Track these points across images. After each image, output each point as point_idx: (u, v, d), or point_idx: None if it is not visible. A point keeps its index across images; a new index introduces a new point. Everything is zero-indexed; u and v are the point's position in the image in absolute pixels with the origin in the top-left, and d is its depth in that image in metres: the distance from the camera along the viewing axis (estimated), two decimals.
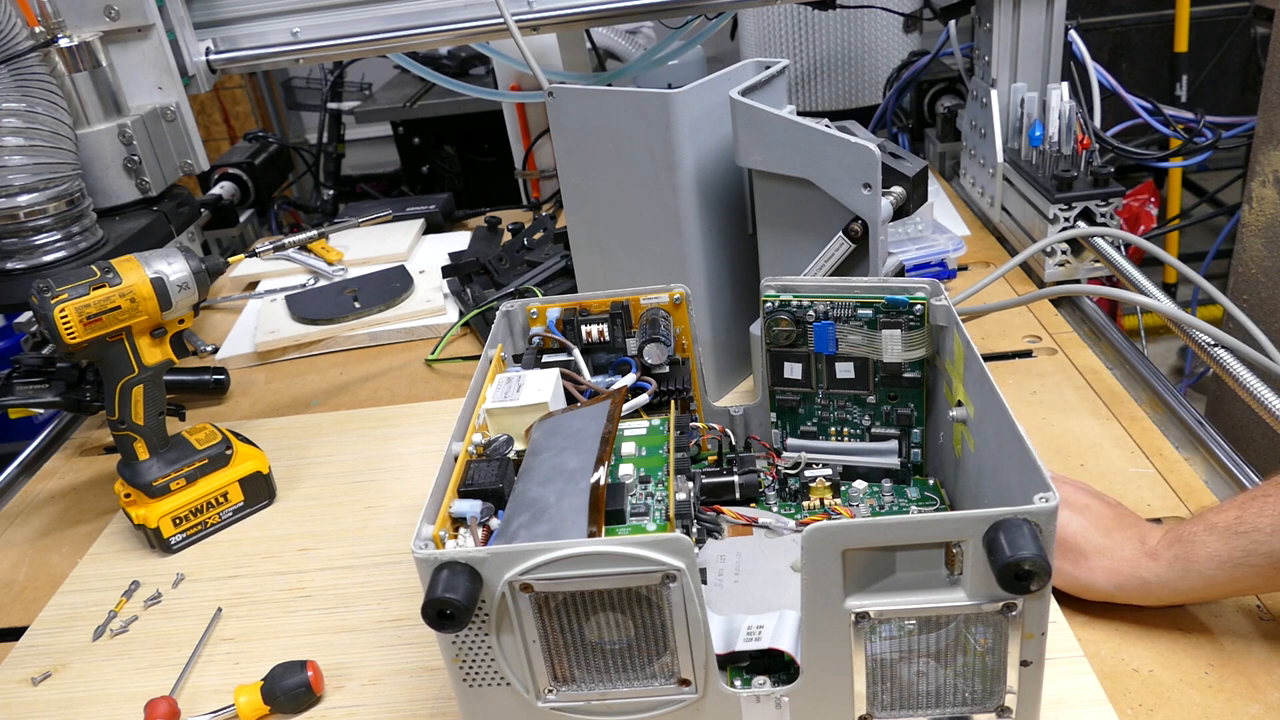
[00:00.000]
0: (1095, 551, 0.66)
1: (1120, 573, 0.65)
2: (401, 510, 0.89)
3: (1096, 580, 0.66)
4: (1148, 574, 0.64)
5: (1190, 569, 0.62)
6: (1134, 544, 0.65)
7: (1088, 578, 0.66)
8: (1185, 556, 0.62)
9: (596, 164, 0.93)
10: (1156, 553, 0.64)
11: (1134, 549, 0.65)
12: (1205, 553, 0.61)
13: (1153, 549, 0.64)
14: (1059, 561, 0.66)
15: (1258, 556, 0.59)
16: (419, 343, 1.21)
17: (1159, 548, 0.64)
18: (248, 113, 3.22)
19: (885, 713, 0.55)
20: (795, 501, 0.77)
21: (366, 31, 1.24)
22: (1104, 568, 0.65)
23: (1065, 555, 0.67)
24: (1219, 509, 0.63)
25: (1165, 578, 0.63)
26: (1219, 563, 0.61)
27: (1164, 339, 2.23)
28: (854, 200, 0.80)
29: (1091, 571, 0.66)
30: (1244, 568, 0.60)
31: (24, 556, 0.91)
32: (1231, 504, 0.62)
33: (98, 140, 1.09)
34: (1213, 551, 0.61)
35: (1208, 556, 0.61)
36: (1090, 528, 0.67)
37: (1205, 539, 0.62)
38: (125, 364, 0.82)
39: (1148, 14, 2.06)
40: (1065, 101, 1.16)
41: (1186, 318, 0.90)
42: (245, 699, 0.67)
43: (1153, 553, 0.64)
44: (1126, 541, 0.66)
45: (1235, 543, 0.60)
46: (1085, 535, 0.66)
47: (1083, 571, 0.66)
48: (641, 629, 0.54)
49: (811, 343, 0.75)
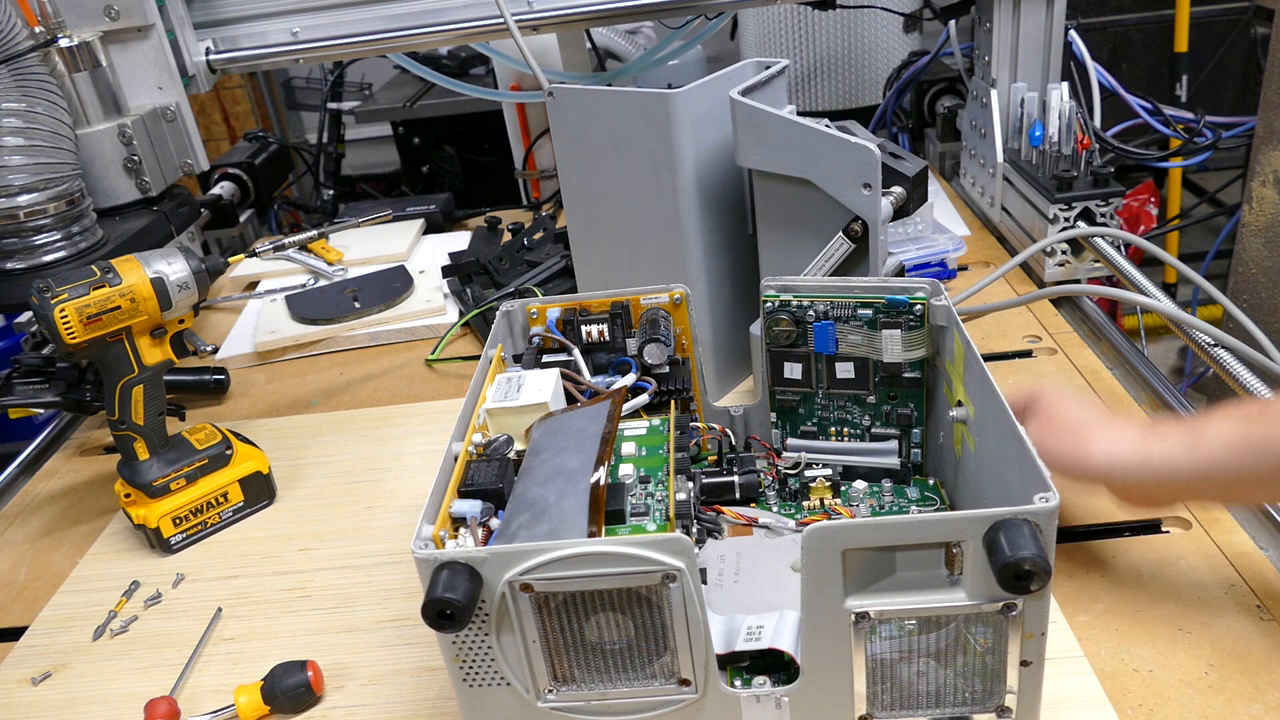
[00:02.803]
0: (1095, 429, 0.63)
1: (1119, 450, 0.62)
2: (401, 510, 0.89)
3: (1094, 456, 0.63)
4: (1152, 451, 0.60)
5: (1200, 448, 0.58)
6: (1136, 426, 0.63)
7: (1084, 455, 0.63)
8: (1196, 434, 0.59)
9: (596, 164, 0.93)
10: (1163, 432, 0.60)
11: (1136, 429, 0.62)
12: (1219, 432, 0.57)
13: (1159, 431, 0.61)
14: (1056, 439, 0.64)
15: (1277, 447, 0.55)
16: (419, 343, 1.21)
17: (1166, 427, 0.61)
18: (248, 113, 3.22)
19: (885, 713, 0.55)
20: (795, 501, 0.77)
21: (366, 31, 1.24)
22: (1103, 443, 0.62)
23: (1063, 433, 0.64)
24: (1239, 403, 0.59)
25: (1170, 455, 0.59)
26: (1230, 444, 0.57)
27: (1164, 339, 2.23)
28: (854, 200, 0.80)
29: (1090, 451, 0.63)
30: (1259, 456, 0.56)
31: (24, 556, 0.91)
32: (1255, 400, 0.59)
33: (98, 140, 1.09)
34: (1228, 432, 0.57)
35: (1221, 436, 0.57)
36: (1093, 411, 0.64)
37: (1221, 422, 0.58)
38: (125, 364, 0.82)
39: (1148, 14, 2.06)
40: (1065, 101, 1.16)
41: (1186, 318, 0.90)
42: (245, 699, 0.67)
43: (1159, 432, 0.61)
44: (1129, 424, 0.63)
45: (1254, 429, 0.56)
46: (1086, 415, 0.64)
47: (1080, 448, 0.63)
48: (641, 629, 0.54)
49: (811, 343, 0.75)
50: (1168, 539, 0.74)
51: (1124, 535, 0.75)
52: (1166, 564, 0.71)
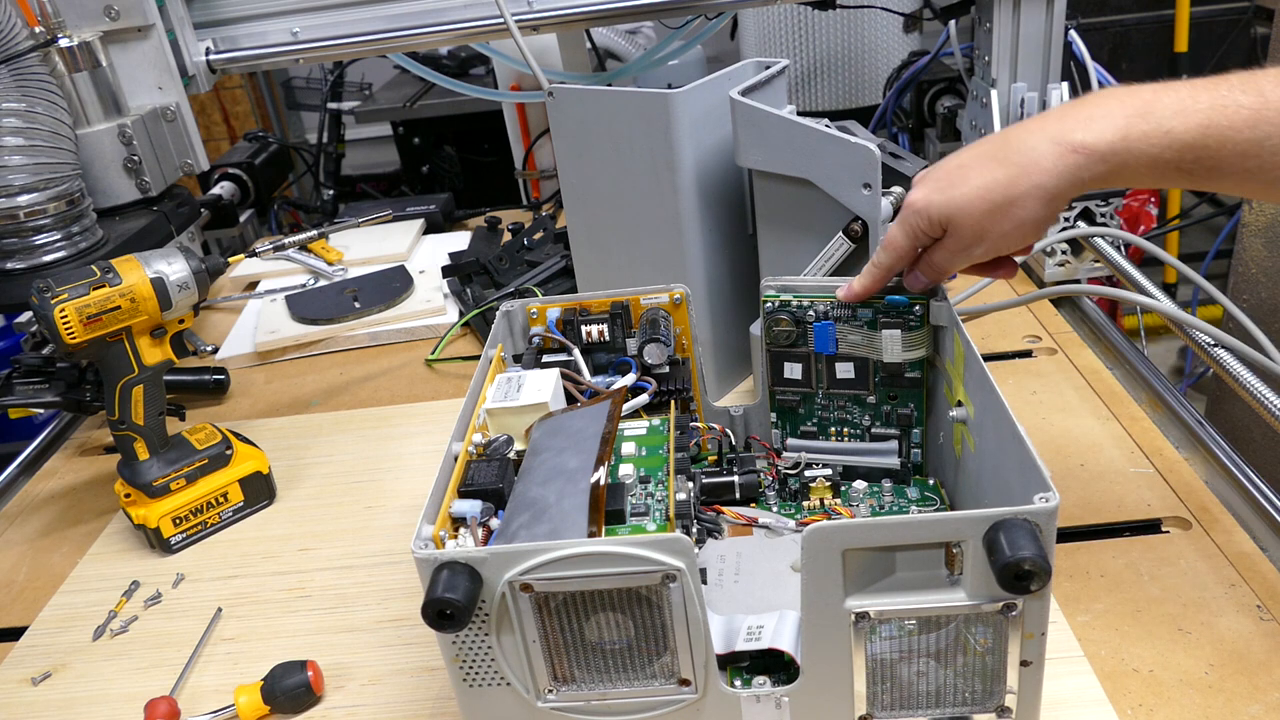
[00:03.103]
0: (1011, 189, 0.58)
1: (1049, 189, 0.57)
2: (401, 510, 0.89)
3: (1035, 212, 0.58)
4: (1080, 173, 0.56)
5: (1126, 170, 0.55)
6: (1047, 146, 0.57)
7: (1026, 217, 0.59)
8: (1124, 156, 0.55)
9: (596, 164, 0.93)
10: (1087, 147, 0.56)
11: (1050, 152, 0.57)
12: (1150, 159, 0.54)
13: (1079, 143, 0.56)
14: (991, 228, 0.60)
15: (1207, 170, 0.53)
16: (419, 343, 1.21)
17: (1087, 140, 0.56)
18: (248, 113, 3.22)
19: (885, 713, 0.55)
20: (795, 501, 0.77)
21: (366, 31, 1.24)
22: (1032, 196, 0.58)
23: (993, 217, 0.59)
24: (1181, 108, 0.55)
25: (1098, 173, 0.56)
26: (1161, 170, 0.55)
27: (1164, 339, 2.23)
28: (854, 200, 0.80)
29: (1025, 209, 0.58)
30: (1184, 177, 0.54)
31: (24, 556, 0.91)
32: (1197, 102, 0.54)
33: (98, 140, 1.09)
34: (1160, 160, 0.54)
35: (1152, 163, 0.54)
36: (986, 169, 0.59)
37: (1155, 145, 0.54)
38: (125, 364, 0.82)
39: (1148, 14, 2.06)
40: (1065, 101, 1.15)
41: (1186, 318, 0.90)
42: (245, 699, 0.67)
43: (1081, 147, 0.56)
44: (1035, 148, 0.57)
45: (1189, 154, 0.54)
46: (988, 184, 0.59)
47: (1016, 218, 0.59)
48: (641, 629, 0.54)
49: (811, 343, 0.75)
50: (1168, 539, 0.74)
51: (1124, 535, 0.75)
52: (1166, 564, 0.71)
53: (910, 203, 0.64)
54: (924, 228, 0.64)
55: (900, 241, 0.66)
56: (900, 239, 0.65)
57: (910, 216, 0.64)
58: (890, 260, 0.67)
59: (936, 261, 0.66)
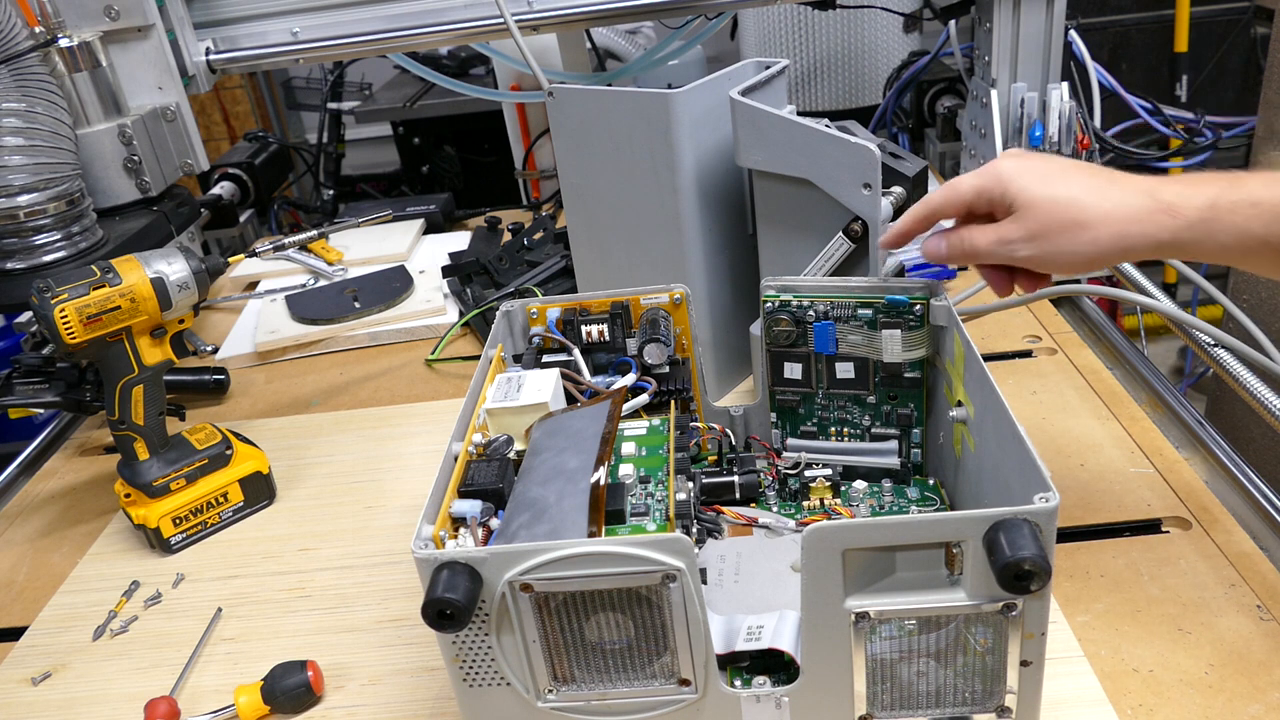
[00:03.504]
0: (1098, 216, 0.58)
1: (1129, 235, 0.57)
2: (401, 510, 0.89)
3: (1103, 248, 0.58)
4: (1161, 233, 0.56)
5: (1211, 238, 0.55)
6: (1141, 198, 0.57)
7: (1092, 249, 0.58)
8: (1211, 224, 0.55)
9: (596, 164, 0.93)
10: (1175, 209, 0.56)
11: (1143, 204, 0.57)
12: (1237, 228, 0.54)
13: (1169, 204, 0.56)
14: (1053, 238, 0.59)
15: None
16: (419, 343, 1.21)
17: (1178, 202, 0.56)
18: (248, 113, 3.22)
19: (885, 713, 0.55)
20: (795, 501, 0.77)
21: (366, 31, 1.24)
22: (1111, 233, 0.57)
23: (1062, 230, 0.58)
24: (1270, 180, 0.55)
25: (1181, 240, 0.56)
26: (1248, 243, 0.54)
27: (1164, 339, 2.23)
28: (854, 200, 0.80)
29: (1097, 241, 0.58)
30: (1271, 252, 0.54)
31: (24, 556, 0.91)
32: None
33: (98, 140, 1.09)
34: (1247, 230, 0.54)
35: (1238, 233, 0.54)
36: (1087, 187, 0.58)
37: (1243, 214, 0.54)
38: (125, 364, 0.82)
39: (1148, 14, 2.06)
40: (1065, 101, 1.15)
41: (1186, 318, 0.90)
42: (245, 699, 0.67)
43: (1170, 209, 0.56)
44: (1133, 196, 0.58)
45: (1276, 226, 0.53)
46: (1083, 199, 0.58)
47: (1085, 244, 0.58)
48: (641, 629, 0.54)
49: (811, 343, 0.75)
50: (1168, 539, 0.74)
51: (1124, 535, 0.75)
52: (1166, 564, 0.71)
53: (998, 167, 0.61)
54: (995, 194, 0.61)
55: (966, 190, 0.62)
56: (967, 188, 0.62)
57: (989, 177, 0.61)
58: (943, 204, 0.64)
59: (975, 240, 0.62)
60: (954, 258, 0.64)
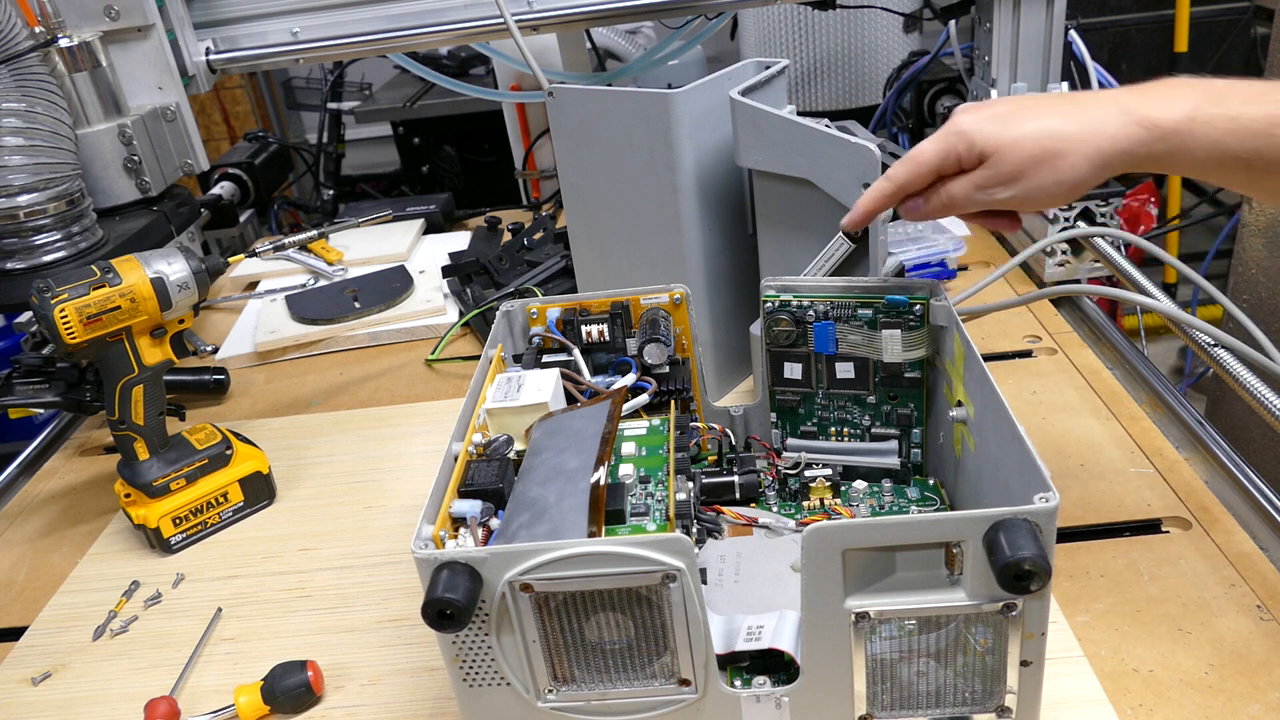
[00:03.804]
0: (1071, 142, 0.57)
1: (1104, 152, 0.57)
2: (401, 510, 0.89)
3: (1081, 171, 0.57)
4: (1137, 147, 0.56)
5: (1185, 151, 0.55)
6: (1114, 113, 0.57)
7: (1071, 175, 0.57)
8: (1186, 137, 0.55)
9: (596, 164, 0.93)
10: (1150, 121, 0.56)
11: (1116, 119, 0.57)
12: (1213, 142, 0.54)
13: (1143, 116, 0.56)
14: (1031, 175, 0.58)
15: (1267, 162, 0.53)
16: (419, 343, 1.21)
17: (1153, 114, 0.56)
18: (248, 113, 3.22)
19: (885, 713, 0.55)
20: (795, 501, 0.77)
21: (366, 31, 1.24)
22: (1085, 154, 0.57)
23: (1038, 165, 0.58)
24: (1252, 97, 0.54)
25: (1155, 152, 0.56)
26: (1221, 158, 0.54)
27: (1164, 339, 2.23)
28: (854, 200, 0.80)
29: (1075, 166, 0.57)
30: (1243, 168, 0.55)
31: (24, 556, 0.91)
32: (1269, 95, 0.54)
33: (98, 140, 1.09)
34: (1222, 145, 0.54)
35: (1213, 147, 0.54)
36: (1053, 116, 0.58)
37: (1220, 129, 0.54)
38: (125, 364, 0.82)
39: (1148, 14, 2.06)
40: None
41: (1186, 318, 0.90)
42: (245, 699, 0.67)
43: (1143, 121, 0.56)
44: (1103, 113, 0.57)
45: (1252, 143, 0.53)
46: (1051, 129, 0.58)
47: (1064, 171, 0.57)
48: (641, 629, 0.54)
49: (811, 343, 0.75)
50: (1168, 539, 0.74)
51: (1124, 535, 0.75)
52: (1166, 564, 0.71)
53: (956, 124, 0.61)
54: (961, 151, 0.60)
55: (929, 158, 0.61)
56: (929, 155, 0.61)
57: (950, 136, 0.60)
58: (908, 177, 0.63)
59: (953, 192, 0.62)
60: (934, 212, 0.64)
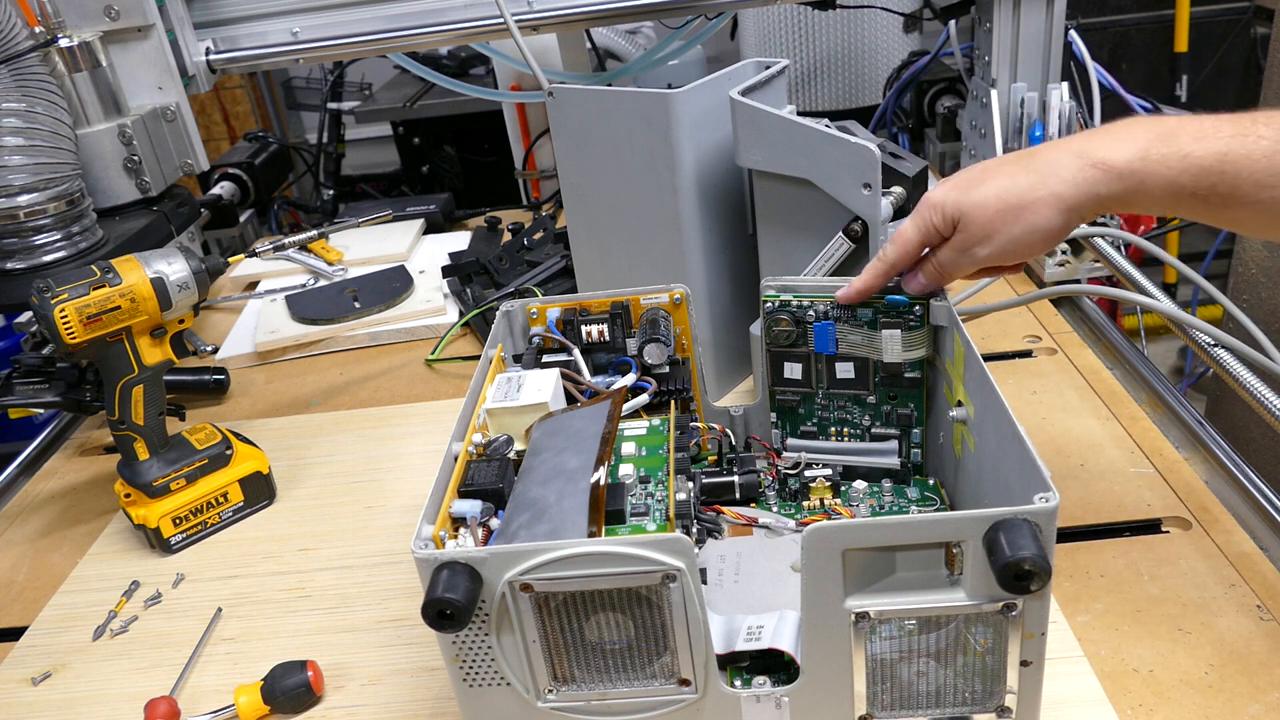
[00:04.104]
0: (1029, 194, 0.60)
1: (1066, 198, 0.59)
2: (401, 510, 0.89)
3: (1049, 219, 0.60)
4: (1097, 187, 0.58)
5: (1143, 190, 0.57)
6: (1069, 160, 0.59)
7: (1040, 223, 0.60)
8: (1142, 175, 0.57)
9: (596, 164, 0.93)
10: (1105, 163, 0.58)
11: (1072, 165, 0.59)
12: (1167, 180, 0.56)
13: (1099, 159, 0.58)
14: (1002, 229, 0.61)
15: (1222, 197, 0.55)
16: (419, 343, 1.21)
17: (1108, 156, 0.58)
18: (248, 113, 3.22)
19: (885, 713, 0.55)
20: (795, 501, 0.77)
21: (366, 31, 1.24)
22: (1047, 203, 0.59)
23: (1005, 219, 0.60)
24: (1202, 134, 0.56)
25: (1115, 193, 0.58)
26: (1178, 195, 0.56)
27: (1164, 339, 2.23)
28: (854, 200, 0.80)
29: (1039, 214, 0.60)
30: (1200, 204, 0.56)
31: (24, 556, 0.91)
32: (1219, 132, 0.56)
33: (98, 140, 1.09)
34: (1177, 183, 0.56)
35: (1168, 186, 0.56)
36: (1008, 175, 0.61)
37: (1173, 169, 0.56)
38: (125, 364, 0.82)
39: (1148, 14, 2.06)
40: (1065, 101, 1.15)
41: (1186, 318, 0.90)
42: (245, 699, 0.67)
43: (1101, 164, 0.58)
44: (1058, 161, 0.59)
45: (1205, 180, 0.55)
46: (1007, 186, 0.60)
47: (1029, 221, 0.60)
48: (641, 629, 0.54)
49: (811, 343, 0.75)
50: (1168, 539, 0.74)
51: (1124, 535, 0.75)
52: (1166, 564, 0.71)
53: (928, 198, 0.65)
54: (936, 222, 0.64)
55: (910, 235, 0.66)
56: (911, 233, 0.66)
57: (925, 210, 0.65)
58: (896, 255, 0.67)
59: (941, 260, 0.66)
60: (933, 282, 0.68)
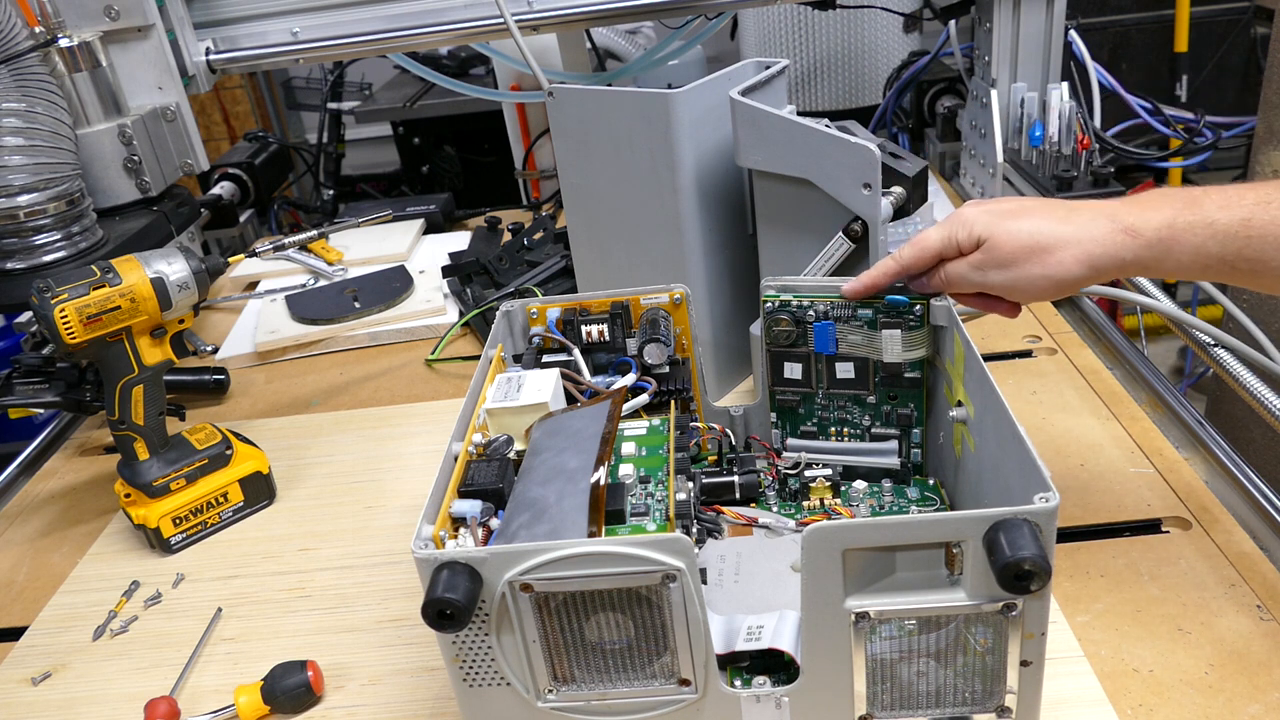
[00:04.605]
0: (1060, 242, 0.61)
1: (1094, 255, 0.61)
2: (401, 510, 0.89)
3: (1070, 270, 0.61)
4: (1124, 252, 0.60)
5: (1170, 257, 0.59)
6: (1103, 222, 0.61)
7: (1059, 271, 0.61)
8: (1170, 243, 0.59)
9: (596, 164, 0.93)
10: (1135, 230, 0.60)
11: (1105, 227, 0.61)
12: (1194, 247, 0.58)
13: (1129, 225, 0.60)
14: (1022, 264, 0.62)
15: (1249, 262, 0.56)
16: (419, 343, 1.21)
17: (1137, 224, 0.60)
18: (248, 113, 3.22)
19: (885, 713, 0.55)
20: (795, 501, 0.77)
21: (366, 31, 1.24)
22: (1074, 255, 0.61)
23: (1029, 256, 0.62)
24: (1226, 202, 0.58)
25: (1142, 259, 0.60)
26: (1205, 261, 0.58)
27: (1164, 339, 2.23)
28: (854, 200, 0.80)
29: (1062, 263, 0.61)
30: (1228, 270, 0.58)
31: (24, 556, 0.91)
32: (1242, 199, 0.58)
33: (98, 140, 1.09)
34: (1204, 249, 0.58)
35: (1195, 252, 0.58)
36: (1046, 218, 0.62)
37: (1200, 235, 0.58)
38: (125, 364, 0.82)
39: (1148, 14, 2.06)
40: (1065, 101, 1.16)
41: (1186, 318, 0.90)
42: (245, 699, 0.67)
43: (1129, 230, 0.60)
44: (1093, 221, 0.61)
45: (1231, 245, 0.57)
46: (1042, 228, 0.62)
47: (1052, 266, 0.62)
48: (641, 629, 0.54)
49: (811, 343, 0.75)
50: (1168, 539, 0.74)
51: (1124, 535, 0.75)
52: (1166, 564, 0.71)
53: (960, 214, 0.66)
54: (961, 238, 0.65)
55: (932, 244, 0.67)
56: (934, 240, 0.67)
57: (954, 224, 0.66)
58: (912, 259, 0.68)
59: (950, 272, 0.67)
60: (936, 288, 0.69)
